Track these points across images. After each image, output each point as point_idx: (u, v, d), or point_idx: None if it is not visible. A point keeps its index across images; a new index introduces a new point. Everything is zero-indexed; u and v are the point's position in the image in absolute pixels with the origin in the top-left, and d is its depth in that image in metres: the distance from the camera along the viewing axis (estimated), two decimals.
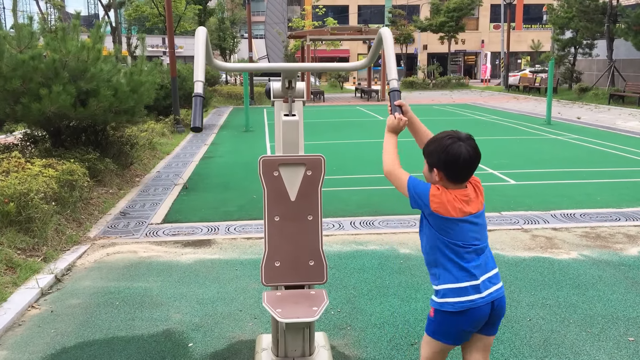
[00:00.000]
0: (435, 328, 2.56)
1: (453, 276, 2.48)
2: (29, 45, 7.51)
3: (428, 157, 2.55)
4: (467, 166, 2.46)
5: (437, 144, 2.50)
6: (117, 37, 26.08)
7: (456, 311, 2.46)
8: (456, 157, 2.43)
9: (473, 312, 2.46)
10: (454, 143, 2.45)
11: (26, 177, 5.91)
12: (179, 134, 14.90)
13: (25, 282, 4.72)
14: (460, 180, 2.51)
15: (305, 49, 29.33)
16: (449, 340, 2.56)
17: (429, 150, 2.54)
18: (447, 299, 2.48)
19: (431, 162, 2.53)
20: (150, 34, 43.84)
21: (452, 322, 2.49)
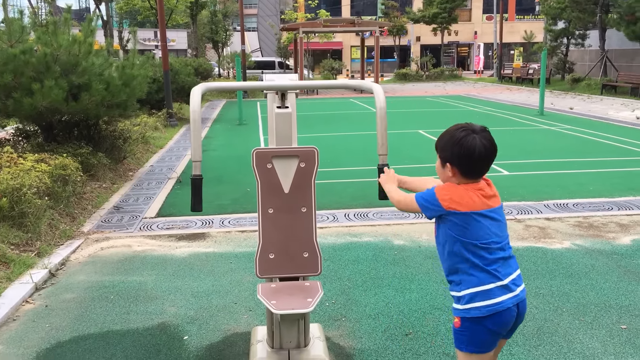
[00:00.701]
0: (466, 339, 2.38)
1: (477, 278, 2.33)
2: (19, 40, 7.46)
3: (441, 151, 2.42)
4: (482, 159, 2.34)
5: (450, 137, 2.39)
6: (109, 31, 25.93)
7: (484, 316, 2.32)
8: (471, 150, 2.32)
9: (502, 315, 2.33)
10: (468, 135, 2.35)
11: (19, 172, 5.88)
12: (172, 128, 14.86)
13: (19, 277, 4.71)
14: (476, 176, 2.38)
15: (298, 42, 29.25)
16: (484, 348, 2.40)
17: (442, 144, 2.41)
18: (474, 303, 2.34)
19: (444, 156, 2.40)
20: (142, 28, 43.56)
21: (482, 327, 2.34)
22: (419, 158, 10.08)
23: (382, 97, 2.93)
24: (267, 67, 36.96)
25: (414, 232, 5.91)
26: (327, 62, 40.60)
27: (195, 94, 2.82)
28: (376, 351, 3.56)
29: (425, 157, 10.15)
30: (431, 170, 9.60)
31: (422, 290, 4.45)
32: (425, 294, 4.38)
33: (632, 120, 15.13)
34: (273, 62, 39.66)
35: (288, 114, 3.22)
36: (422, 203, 2.42)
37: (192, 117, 2.80)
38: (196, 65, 24.00)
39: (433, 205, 2.38)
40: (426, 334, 3.76)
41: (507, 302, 2.33)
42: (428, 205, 2.40)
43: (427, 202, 2.40)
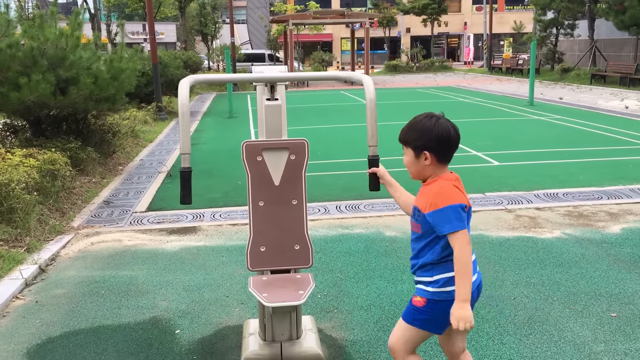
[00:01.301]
0: (427, 318, 2.49)
1: (452, 264, 2.40)
2: (5, 34, 7.37)
3: (415, 141, 2.44)
4: (455, 142, 2.44)
5: (421, 126, 2.43)
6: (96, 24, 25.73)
7: (453, 299, 2.38)
8: (447, 133, 2.40)
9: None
10: (439, 119, 2.43)
11: (7, 168, 5.83)
12: (161, 122, 14.78)
13: (9, 273, 4.67)
14: (449, 160, 2.47)
15: (288, 34, 29.14)
16: (438, 329, 2.53)
17: (414, 135, 2.45)
18: (447, 287, 2.42)
19: (420, 144, 2.43)
20: (130, 21, 43.24)
21: (446, 310, 2.41)
22: None
23: (371, 88, 2.92)
24: (257, 60, 36.83)
25: (405, 223, 5.92)
26: (318, 54, 40.49)
27: (183, 86, 2.80)
28: (368, 342, 3.57)
29: None
30: None
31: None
32: None
33: (621, 110, 15.21)
34: (263, 55, 39.53)
35: (278, 106, 3.20)
36: (462, 229, 2.36)
37: (181, 109, 2.77)
38: (185, 58, 23.85)
39: (462, 215, 2.37)
40: None
41: (473, 286, 2.44)
42: (461, 221, 2.37)
43: (459, 220, 2.36)
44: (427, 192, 2.47)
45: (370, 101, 2.90)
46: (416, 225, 2.52)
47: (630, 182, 7.32)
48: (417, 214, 2.51)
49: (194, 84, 2.93)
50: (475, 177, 7.92)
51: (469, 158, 9.25)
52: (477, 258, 4.90)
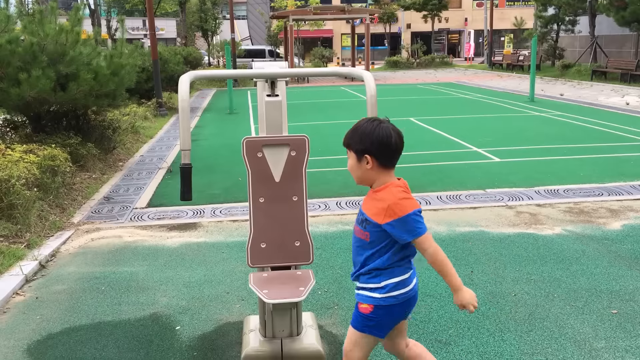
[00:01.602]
0: (374, 324, 2.51)
1: (400, 269, 2.47)
2: (5, 29, 7.36)
3: (357, 144, 2.41)
4: (398, 146, 2.43)
5: (362, 130, 2.41)
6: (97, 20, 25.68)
7: (398, 303, 2.46)
8: (388, 137, 2.39)
9: (412, 300, 2.53)
10: (381, 124, 2.41)
11: (7, 163, 5.82)
12: (162, 118, 14.76)
13: (9, 269, 4.67)
14: (392, 165, 2.46)
15: (288, 30, 29.08)
16: (384, 332, 2.56)
17: (356, 138, 2.42)
18: (394, 292, 2.46)
19: (362, 148, 2.40)
20: (130, 16, 43.19)
21: (394, 314, 2.49)
22: (409, 145, 10.03)
23: (372, 84, 2.91)
24: (258, 56, 36.78)
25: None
26: (318, 50, 40.42)
27: (183, 82, 2.79)
28: None
29: (416, 145, 10.14)
30: (422, 157, 9.60)
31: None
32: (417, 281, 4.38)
33: (621, 106, 15.19)
34: (263, 51, 39.47)
35: (278, 102, 3.19)
36: (426, 231, 2.41)
37: (181, 105, 2.76)
38: (185, 54, 23.82)
39: (421, 218, 2.42)
40: (418, 320, 3.77)
41: (415, 288, 2.55)
42: (423, 224, 2.42)
43: (421, 224, 2.41)
44: (379, 200, 2.43)
45: (371, 97, 2.89)
46: (363, 233, 2.48)
47: (631, 179, 7.32)
48: (365, 222, 2.46)
49: (194, 80, 2.92)
50: (475, 173, 7.91)
51: (470, 154, 9.24)
52: (478, 254, 4.92)
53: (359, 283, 2.56)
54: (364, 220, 2.48)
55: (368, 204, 2.49)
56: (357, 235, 2.53)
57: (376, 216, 2.41)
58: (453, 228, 5.60)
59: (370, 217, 2.43)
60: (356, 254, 2.56)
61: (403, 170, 8.13)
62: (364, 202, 2.52)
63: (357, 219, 2.55)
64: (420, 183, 7.29)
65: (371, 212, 2.44)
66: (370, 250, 2.47)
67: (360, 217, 2.51)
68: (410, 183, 2.59)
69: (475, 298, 2.41)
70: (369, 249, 2.48)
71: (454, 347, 3.44)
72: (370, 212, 2.44)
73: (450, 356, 3.34)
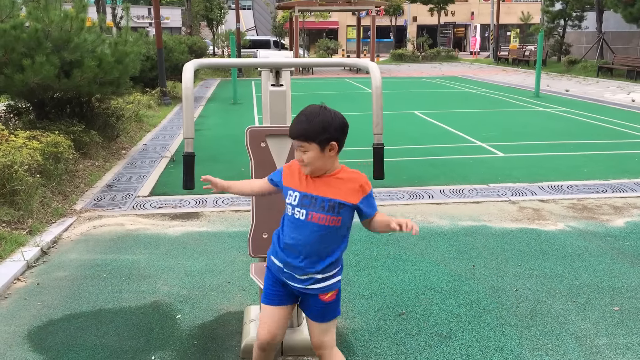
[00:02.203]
0: (339, 303, 2.61)
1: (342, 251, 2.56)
2: (10, 15, 7.33)
3: (321, 134, 2.37)
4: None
5: (322, 119, 2.37)
6: (102, 7, 25.58)
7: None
8: (344, 120, 2.45)
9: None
10: (333, 110, 2.43)
11: (10, 150, 5.81)
12: (165, 106, 14.75)
13: (11, 255, 4.67)
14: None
15: (294, 21, 28.98)
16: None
17: (317, 129, 2.36)
18: (340, 273, 2.59)
19: (325, 137, 2.37)
20: (136, 5, 43.09)
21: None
22: (414, 138, 10.05)
23: (378, 75, 2.89)
24: (263, 46, 36.64)
25: (407, 213, 5.90)
26: (323, 41, 40.31)
27: (187, 70, 2.77)
28: (369, 331, 3.56)
29: (420, 138, 10.11)
30: (425, 151, 9.55)
31: (416, 271, 4.45)
32: (418, 275, 4.38)
33: (627, 103, 15.11)
34: (268, 41, 39.34)
35: (283, 92, 3.17)
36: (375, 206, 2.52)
37: (185, 93, 2.75)
38: (190, 43, 23.75)
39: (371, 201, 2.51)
40: (419, 314, 3.76)
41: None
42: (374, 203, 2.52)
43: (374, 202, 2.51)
44: (347, 181, 2.44)
45: (376, 88, 2.87)
46: (335, 219, 2.43)
47: (635, 176, 7.28)
48: (338, 206, 2.42)
49: (198, 68, 2.90)
50: (479, 168, 7.88)
51: (473, 149, 9.21)
52: (480, 249, 4.91)
53: (322, 274, 2.49)
54: (335, 206, 2.41)
55: (332, 188, 2.43)
56: (323, 223, 2.42)
57: (351, 197, 2.43)
58: (456, 222, 5.59)
59: (345, 200, 2.42)
60: (319, 244, 2.44)
61: (406, 163, 8.12)
62: (316, 189, 2.44)
63: (314, 208, 2.42)
64: (423, 177, 7.26)
65: (343, 194, 2.42)
66: (339, 235, 2.48)
67: (326, 204, 2.42)
68: (414, 176, 2.58)
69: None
70: (336, 234, 2.46)
71: (454, 340, 3.43)
72: (342, 195, 2.42)
73: (451, 350, 3.33)
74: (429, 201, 6.27)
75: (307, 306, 2.57)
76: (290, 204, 2.48)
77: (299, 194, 2.46)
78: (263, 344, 2.60)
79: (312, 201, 2.43)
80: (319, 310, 2.55)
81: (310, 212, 2.43)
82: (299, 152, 2.42)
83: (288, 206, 2.49)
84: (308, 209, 2.43)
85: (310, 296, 2.52)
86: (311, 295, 2.52)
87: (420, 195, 6.51)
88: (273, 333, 2.57)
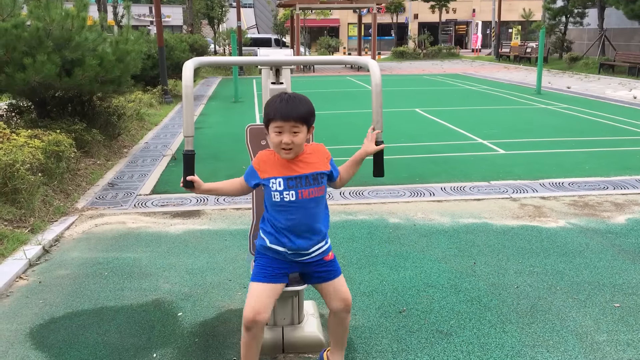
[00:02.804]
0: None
1: None
2: (11, 14, 7.34)
3: (312, 115, 2.64)
4: None
5: (309, 103, 2.63)
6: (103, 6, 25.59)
7: None
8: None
9: None
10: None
11: (11, 148, 5.83)
12: (167, 105, 14.76)
13: (13, 253, 4.69)
14: None
15: (295, 18, 28.97)
16: None
17: (311, 113, 2.63)
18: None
19: (312, 120, 2.65)
20: (137, 3, 43.08)
21: None
22: (415, 136, 10.05)
23: (377, 73, 2.89)
24: (264, 44, 36.64)
25: (408, 210, 5.90)
26: (324, 39, 40.32)
27: (187, 68, 2.77)
28: (370, 328, 3.57)
29: (421, 136, 10.11)
30: (426, 148, 9.54)
31: (417, 268, 4.46)
32: (419, 272, 4.39)
33: (629, 100, 15.10)
34: (269, 39, 39.34)
35: (283, 90, 3.17)
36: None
37: (185, 92, 2.75)
38: (191, 41, 23.75)
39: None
40: (420, 311, 3.77)
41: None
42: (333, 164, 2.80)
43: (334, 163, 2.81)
44: (313, 153, 2.71)
45: (376, 86, 2.87)
46: (319, 189, 2.68)
47: (637, 173, 7.28)
48: (320, 176, 2.68)
49: (198, 66, 2.90)
50: (480, 165, 7.88)
51: (475, 146, 9.21)
52: (481, 246, 4.91)
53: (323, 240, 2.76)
54: (317, 177, 2.66)
55: (307, 164, 2.66)
56: (313, 196, 2.65)
57: (323, 166, 2.70)
58: (457, 219, 5.59)
59: (322, 170, 2.69)
60: (314, 215, 2.69)
61: (407, 160, 8.12)
62: (295, 169, 2.63)
63: (302, 186, 2.63)
64: (424, 174, 7.26)
65: (318, 165, 2.68)
66: (323, 203, 2.76)
67: (310, 178, 2.64)
68: (415, 174, 2.60)
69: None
70: (322, 203, 2.74)
71: (455, 337, 3.44)
72: (317, 166, 2.68)
73: (452, 347, 3.34)
74: (430, 198, 6.28)
75: (315, 273, 2.77)
76: (276, 191, 2.62)
77: (282, 179, 2.62)
78: (247, 323, 2.65)
79: (298, 180, 2.63)
80: (329, 269, 2.79)
81: (300, 190, 2.62)
82: (289, 135, 2.54)
83: (274, 193, 2.63)
84: (296, 188, 2.62)
85: (314, 264, 2.75)
86: (316, 263, 2.75)
87: (422, 192, 6.52)
88: (256, 310, 2.63)
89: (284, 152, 2.58)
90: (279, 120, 2.52)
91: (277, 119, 2.52)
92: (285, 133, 2.53)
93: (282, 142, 2.53)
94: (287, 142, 2.53)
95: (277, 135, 2.54)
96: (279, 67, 3.15)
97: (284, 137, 2.53)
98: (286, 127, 2.52)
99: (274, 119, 2.53)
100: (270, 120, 2.55)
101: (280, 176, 2.61)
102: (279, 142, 2.54)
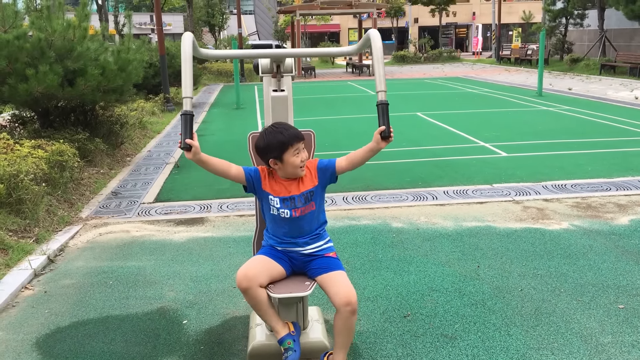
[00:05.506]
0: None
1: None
2: (13, 25, 7.38)
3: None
4: None
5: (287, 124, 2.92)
6: (104, 15, 25.72)
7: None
8: None
9: None
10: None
11: (15, 159, 5.86)
12: (169, 113, 14.80)
13: (18, 264, 4.71)
14: None
15: (295, 24, 29.05)
16: None
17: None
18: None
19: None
20: (138, 12, 43.26)
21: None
22: (417, 140, 10.06)
23: (378, 40, 2.87)
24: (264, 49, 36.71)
25: (412, 214, 5.91)
26: (325, 44, 40.37)
27: (186, 38, 2.79)
28: (375, 333, 3.58)
29: (422, 140, 10.12)
30: (428, 152, 9.55)
31: (421, 273, 4.47)
32: (423, 276, 4.39)
33: (630, 101, 15.09)
34: (270, 46, 39.43)
35: (284, 97, 3.20)
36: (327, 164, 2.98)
37: (183, 57, 2.76)
38: None
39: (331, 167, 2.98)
40: (424, 315, 3.78)
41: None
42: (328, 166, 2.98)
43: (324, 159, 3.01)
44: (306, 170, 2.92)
45: (378, 49, 2.85)
46: (312, 205, 2.90)
47: (639, 174, 7.27)
48: (310, 194, 2.88)
49: (195, 45, 2.89)
50: (482, 168, 7.89)
51: (477, 149, 9.22)
52: (484, 249, 4.92)
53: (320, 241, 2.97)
54: (308, 195, 2.87)
55: (298, 184, 2.88)
56: (306, 213, 2.89)
57: (311, 183, 2.89)
58: (460, 223, 5.60)
59: (310, 188, 2.89)
60: (309, 225, 2.93)
61: (410, 165, 8.13)
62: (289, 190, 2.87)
63: (294, 205, 2.86)
64: (427, 178, 7.27)
65: (306, 185, 2.89)
66: (319, 211, 2.97)
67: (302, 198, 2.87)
68: (417, 177, 2.61)
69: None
70: (317, 212, 2.95)
71: (460, 341, 3.44)
72: (306, 185, 2.89)
73: (457, 351, 3.34)
74: (433, 202, 6.29)
75: (318, 267, 2.90)
76: (274, 207, 2.88)
77: (279, 199, 2.87)
78: (240, 286, 2.83)
79: (291, 201, 2.87)
80: (330, 262, 2.91)
81: (293, 210, 2.87)
82: (303, 152, 2.83)
83: (272, 207, 2.89)
84: (290, 208, 2.87)
85: (317, 259, 2.92)
86: (319, 257, 2.93)
87: (424, 196, 6.53)
88: (245, 273, 2.81)
89: (302, 170, 2.87)
90: (296, 142, 2.79)
91: (293, 142, 2.79)
92: (300, 152, 2.82)
93: (302, 159, 2.83)
94: (305, 157, 2.85)
95: (297, 156, 2.81)
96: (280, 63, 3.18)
97: (302, 154, 2.83)
98: (300, 146, 2.82)
99: (291, 144, 2.78)
100: (288, 146, 2.78)
101: (277, 196, 2.87)
102: (300, 161, 2.82)
